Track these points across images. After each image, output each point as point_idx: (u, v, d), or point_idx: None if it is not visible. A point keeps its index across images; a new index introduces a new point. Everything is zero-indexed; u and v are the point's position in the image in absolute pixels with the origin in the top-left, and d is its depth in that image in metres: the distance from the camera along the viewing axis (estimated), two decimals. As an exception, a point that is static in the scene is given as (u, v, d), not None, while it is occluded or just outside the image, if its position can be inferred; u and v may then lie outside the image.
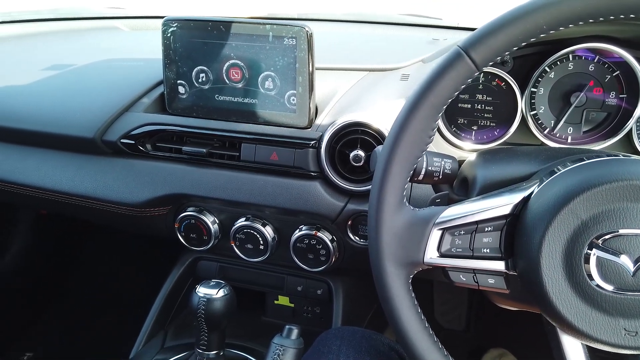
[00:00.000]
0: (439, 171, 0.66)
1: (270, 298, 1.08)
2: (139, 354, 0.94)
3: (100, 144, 0.95)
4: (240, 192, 0.89)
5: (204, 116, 0.92)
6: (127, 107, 0.96)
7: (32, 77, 1.08)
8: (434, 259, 0.58)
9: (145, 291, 1.59)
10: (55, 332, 1.74)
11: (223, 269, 1.06)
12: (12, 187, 1.03)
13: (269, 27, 0.85)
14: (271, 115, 0.89)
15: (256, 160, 0.88)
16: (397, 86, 0.90)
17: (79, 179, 0.97)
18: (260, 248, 0.92)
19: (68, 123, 0.97)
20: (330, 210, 0.85)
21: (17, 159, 1.02)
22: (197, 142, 0.92)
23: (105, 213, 0.99)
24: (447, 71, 0.55)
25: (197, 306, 0.77)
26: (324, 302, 1.01)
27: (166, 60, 0.92)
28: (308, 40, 0.83)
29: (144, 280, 1.81)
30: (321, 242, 0.87)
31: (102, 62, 1.11)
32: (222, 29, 0.87)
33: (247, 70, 0.88)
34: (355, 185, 0.83)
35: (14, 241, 1.74)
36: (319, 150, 0.84)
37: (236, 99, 0.90)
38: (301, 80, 0.86)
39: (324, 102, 0.90)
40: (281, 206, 0.87)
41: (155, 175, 0.93)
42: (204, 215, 0.94)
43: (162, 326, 1.02)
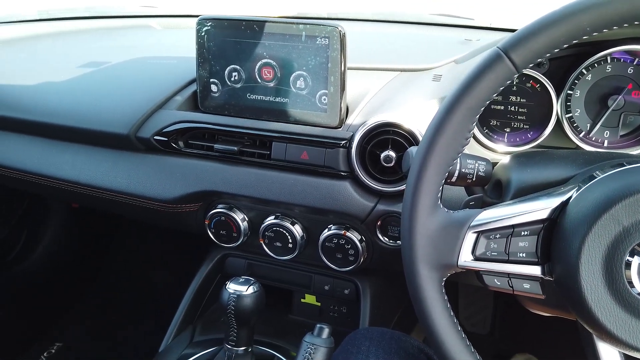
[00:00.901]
0: (472, 173, 0.65)
1: (297, 296, 1.08)
2: (168, 347, 0.95)
3: (135, 140, 0.97)
4: (270, 191, 0.90)
5: (236, 114, 0.93)
6: (160, 104, 0.97)
7: (69, 75, 1.11)
8: (468, 262, 0.58)
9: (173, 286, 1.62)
10: (84, 324, 1.79)
11: (251, 266, 1.07)
12: (47, 181, 1.06)
13: (302, 26, 0.85)
14: (302, 115, 0.89)
15: (287, 159, 0.88)
16: (430, 87, 0.90)
17: (113, 174, 0.99)
18: (289, 246, 0.92)
19: (103, 119, 0.99)
20: (360, 210, 0.85)
21: (54, 154, 1.05)
22: (229, 140, 0.93)
23: (137, 208, 1.00)
24: (486, 73, 0.54)
25: (227, 302, 0.78)
26: (351, 302, 1.01)
27: (199, 59, 0.93)
28: (341, 39, 0.83)
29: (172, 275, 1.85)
30: (350, 242, 0.87)
31: (136, 60, 1.13)
32: (255, 28, 0.88)
33: (279, 70, 0.89)
34: (385, 186, 0.83)
35: (45, 234, 1.79)
36: (350, 150, 0.84)
37: (268, 97, 0.91)
38: (333, 79, 0.86)
39: (355, 102, 0.90)
40: (311, 205, 0.87)
41: (187, 172, 0.95)
42: (234, 212, 0.95)
43: (191, 321, 1.03)
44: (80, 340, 1.72)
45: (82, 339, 1.73)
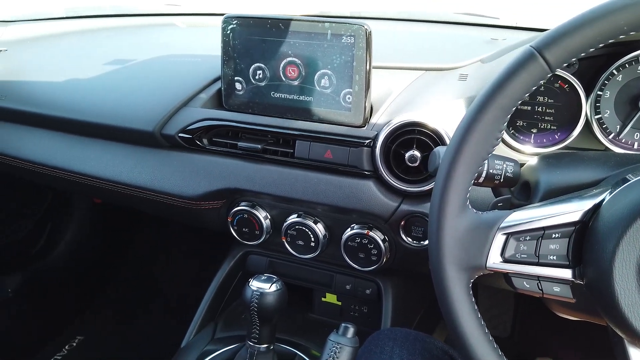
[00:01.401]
0: (500, 174, 0.65)
1: (318, 295, 1.08)
2: (190, 343, 0.96)
3: (159, 137, 0.98)
4: (293, 189, 0.90)
5: (260, 112, 0.94)
6: (185, 102, 0.98)
7: (95, 72, 1.13)
8: (496, 264, 0.57)
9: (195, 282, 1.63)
10: (105, 318, 1.81)
11: (272, 264, 1.07)
12: (73, 176, 1.08)
13: (327, 25, 0.85)
14: (326, 113, 0.89)
15: (310, 157, 0.88)
16: (455, 86, 0.89)
17: (137, 170, 1.00)
18: (311, 245, 0.92)
19: (129, 116, 1.00)
20: (384, 210, 0.84)
21: (80, 150, 1.07)
22: (252, 138, 0.93)
23: (160, 204, 1.01)
24: (519, 72, 0.53)
25: (250, 300, 0.78)
26: (373, 302, 1.01)
27: (225, 57, 0.93)
28: (367, 38, 0.83)
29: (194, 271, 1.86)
30: (373, 242, 0.87)
31: (161, 57, 1.14)
32: (280, 26, 0.88)
33: (303, 68, 0.89)
34: (409, 186, 0.83)
35: (68, 228, 1.82)
36: (374, 149, 0.83)
37: (292, 96, 0.91)
38: (358, 78, 0.85)
39: (380, 101, 0.90)
40: (334, 204, 0.87)
41: (211, 169, 0.95)
42: (256, 210, 0.95)
43: (213, 317, 1.04)
44: (101, 334, 1.75)
45: (102, 333, 1.76)
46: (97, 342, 1.71)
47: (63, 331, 1.74)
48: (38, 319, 1.71)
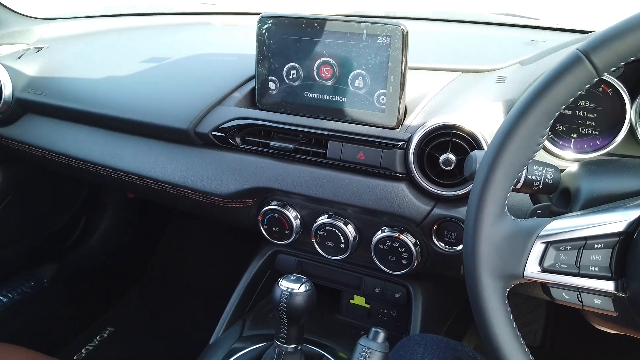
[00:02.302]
0: (539, 180, 0.63)
1: (345, 297, 1.07)
2: (218, 340, 0.97)
3: (193, 135, 0.99)
4: (325, 190, 0.89)
5: (292, 112, 0.93)
6: (219, 100, 0.99)
7: (132, 70, 1.15)
8: (535, 273, 0.55)
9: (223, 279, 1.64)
10: (135, 311, 1.85)
11: (301, 264, 1.07)
12: (109, 171, 1.10)
13: (363, 25, 0.84)
14: (359, 114, 0.88)
15: (342, 158, 0.88)
16: (493, 89, 0.87)
17: (171, 167, 1.01)
18: (341, 246, 0.92)
19: (164, 114, 1.02)
20: (416, 213, 0.83)
21: (116, 146, 1.09)
22: (285, 138, 0.93)
23: (192, 202, 1.03)
24: (564, 75, 0.52)
25: (280, 299, 0.78)
26: (401, 306, 1.00)
27: (259, 57, 0.94)
28: (403, 38, 0.82)
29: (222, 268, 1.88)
30: (404, 245, 0.86)
31: (196, 56, 1.16)
32: (316, 26, 0.88)
33: (337, 68, 0.88)
34: (443, 190, 0.81)
35: (102, 221, 1.87)
36: (407, 151, 0.82)
37: (325, 96, 0.91)
38: (393, 79, 0.84)
39: (414, 103, 0.89)
40: (365, 206, 0.86)
41: (243, 168, 0.96)
42: (287, 209, 0.95)
43: (241, 315, 1.04)
44: (131, 326, 1.79)
45: (132, 325, 1.79)
46: (126, 334, 1.75)
47: (94, 322, 1.79)
48: (71, 309, 1.76)
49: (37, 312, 1.63)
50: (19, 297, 1.58)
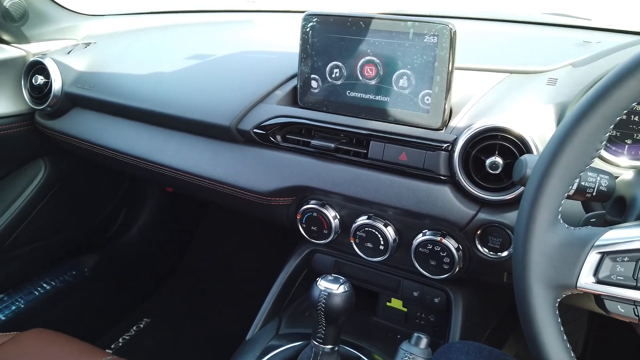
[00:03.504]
0: (593, 187, 0.60)
1: (382, 299, 1.06)
2: (255, 337, 0.97)
3: (235, 132, 0.99)
4: (365, 190, 0.88)
5: (334, 111, 0.93)
6: (261, 98, 0.99)
7: (177, 66, 1.17)
8: (588, 284, 0.53)
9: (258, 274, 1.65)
10: (171, 303, 1.88)
11: (338, 264, 1.06)
12: (153, 166, 1.12)
13: (410, 24, 0.83)
14: (402, 114, 0.87)
15: (384, 159, 0.87)
16: (543, 91, 0.84)
17: (213, 163, 1.02)
18: (380, 248, 0.90)
19: (207, 111, 1.03)
20: (460, 217, 0.81)
21: (160, 141, 1.11)
22: (325, 137, 0.93)
23: (232, 198, 1.03)
24: (628, 79, 0.49)
25: (318, 299, 0.77)
26: (440, 311, 0.98)
27: (302, 55, 0.93)
28: (451, 38, 0.80)
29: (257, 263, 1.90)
30: (446, 250, 0.84)
31: (239, 54, 1.17)
32: (361, 24, 0.87)
33: (382, 67, 0.87)
34: (488, 194, 0.79)
35: (141, 214, 1.91)
36: (452, 154, 0.80)
37: (368, 95, 0.90)
38: (439, 79, 0.83)
39: (460, 104, 0.86)
40: (407, 208, 0.85)
41: (283, 166, 0.96)
42: (326, 209, 0.95)
43: (277, 312, 1.04)
44: (166, 318, 1.82)
45: (167, 316, 1.83)
46: (162, 325, 1.79)
47: (131, 312, 1.83)
48: (109, 299, 1.81)
49: (78, 300, 1.68)
50: (61, 285, 1.64)
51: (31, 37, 1.38)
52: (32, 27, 1.37)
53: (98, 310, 1.76)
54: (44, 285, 1.60)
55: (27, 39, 1.37)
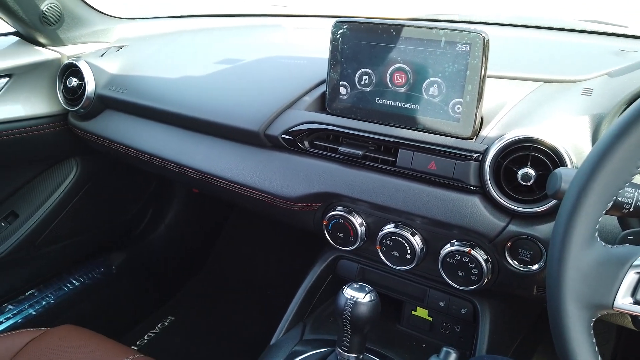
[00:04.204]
0: (630, 203, 0.58)
1: (407, 308, 1.05)
2: (279, 342, 0.97)
3: (263, 137, 1.00)
4: (393, 199, 0.88)
5: (362, 118, 0.92)
6: (290, 104, 1.00)
7: (206, 70, 1.18)
8: (626, 305, 0.51)
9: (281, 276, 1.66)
10: (195, 302, 1.91)
11: (363, 271, 1.06)
12: (180, 168, 1.13)
13: (442, 31, 0.82)
14: (432, 123, 0.86)
15: (412, 167, 0.86)
16: (578, 101, 0.82)
17: (241, 167, 1.03)
18: (407, 257, 0.90)
19: (236, 115, 1.04)
20: (489, 229, 0.80)
21: (189, 144, 1.12)
22: (353, 144, 0.93)
23: (259, 202, 1.04)
24: None
25: (344, 308, 0.77)
26: (466, 322, 0.96)
27: (332, 61, 0.93)
28: (484, 46, 0.79)
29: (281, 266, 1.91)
30: (474, 261, 0.83)
31: (268, 59, 1.17)
32: (392, 32, 0.86)
33: (412, 75, 0.86)
34: (519, 205, 0.77)
35: (168, 214, 1.94)
36: (483, 164, 0.79)
37: (397, 103, 0.89)
38: (470, 88, 0.82)
39: (491, 113, 0.85)
40: (435, 218, 0.84)
41: (311, 172, 0.96)
42: (352, 216, 0.94)
43: (301, 318, 1.05)
44: (190, 316, 1.84)
45: (191, 315, 1.85)
46: (186, 324, 1.81)
47: (156, 310, 1.86)
48: (135, 296, 1.84)
49: (105, 297, 1.72)
50: (89, 282, 1.67)
51: (66, 39, 1.41)
52: (67, 30, 1.40)
53: (124, 307, 1.79)
54: (73, 281, 1.64)
55: (62, 42, 1.41)
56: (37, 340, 1.02)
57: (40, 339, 1.03)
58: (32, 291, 1.56)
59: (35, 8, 1.29)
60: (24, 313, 1.51)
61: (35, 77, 1.33)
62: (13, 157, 1.37)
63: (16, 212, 1.45)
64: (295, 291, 1.08)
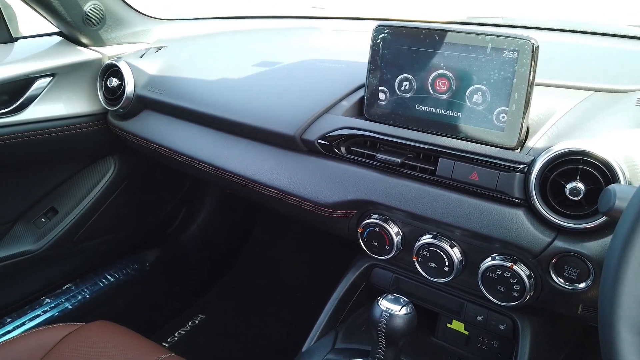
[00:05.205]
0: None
1: (443, 320, 1.02)
2: (311, 349, 0.96)
3: (299, 141, 0.99)
4: (432, 209, 0.85)
5: (401, 125, 0.90)
6: (327, 108, 0.98)
7: (243, 72, 1.18)
8: (687, 335, 0.48)
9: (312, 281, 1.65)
10: (225, 302, 1.92)
11: (398, 280, 1.03)
12: (215, 170, 1.14)
13: (488, 37, 0.79)
14: (475, 131, 0.83)
15: (453, 177, 0.83)
16: (633, 113, 0.78)
17: (276, 172, 1.02)
18: (445, 269, 0.87)
19: (272, 119, 1.03)
20: (534, 244, 0.76)
21: (225, 146, 1.12)
22: (391, 151, 0.90)
23: (293, 207, 1.03)
24: None
25: (379, 319, 0.75)
26: (505, 338, 0.93)
27: (371, 66, 0.92)
28: (532, 54, 0.76)
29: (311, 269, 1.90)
30: (516, 277, 0.79)
31: (305, 62, 1.16)
32: (435, 37, 0.84)
33: (454, 82, 0.84)
34: (567, 221, 0.74)
35: (200, 213, 1.96)
36: (528, 176, 0.76)
37: (438, 110, 0.86)
38: (517, 97, 0.78)
39: (538, 123, 0.82)
40: (476, 230, 0.81)
41: (347, 178, 0.94)
42: (388, 225, 0.92)
43: (333, 326, 1.03)
44: (220, 316, 1.86)
45: (221, 315, 1.86)
46: (216, 323, 1.82)
47: (187, 308, 1.88)
48: (167, 294, 1.86)
49: (138, 293, 1.75)
50: (124, 278, 1.70)
51: (107, 40, 1.44)
52: (108, 31, 1.42)
53: (156, 304, 1.82)
54: (108, 277, 1.68)
55: (104, 42, 1.43)
56: (73, 335, 1.04)
57: (76, 333, 1.05)
58: (69, 285, 1.60)
59: (79, 9, 1.32)
60: (61, 307, 1.55)
61: (77, 77, 1.36)
62: (54, 155, 1.40)
63: (56, 208, 1.49)
64: (324, 295, 1.07)
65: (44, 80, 1.30)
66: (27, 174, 1.41)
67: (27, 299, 1.51)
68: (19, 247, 1.42)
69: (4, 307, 1.46)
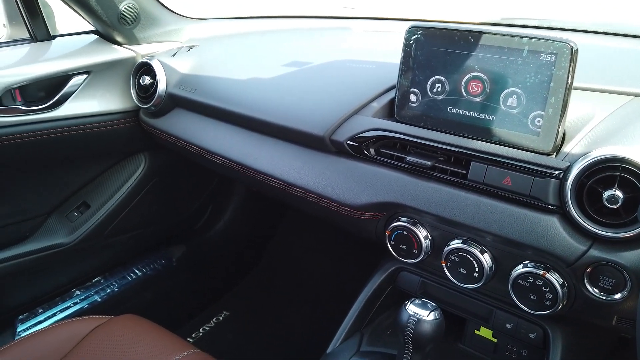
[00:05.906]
0: None
1: (471, 326, 1.01)
2: (336, 351, 0.96)
3: (328, 142, 0.99)
4: (463, 213, 0.84)
5: (432, 127, 0.89)
6: (357, 109, 0.98)
7: (273, 72, 1.18)
8: None
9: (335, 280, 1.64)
10: (249, 299, 1.93)
11: (425, 285, 1.02)
12: (244, 169, 1.14)
13: (525, 40, 0.77)
14: (508, 135, 0.81)
15: (485, 182, 0.82)
16: (675, 119, 0.75)
17: (304, 172, 1.02)
18: (474, 275, 0.85)
19: (302, 119, 1.03)
20: (569, 252, 0.74)
21: (254, 146, 1.13)
22: (422, 154, 0.89)
23: (320, 208, 1.03)
24: None
25: (406, 324, 0.75)
26: (535, 347, 0.91)
27: (403, 67, 0.91)
28: (571, 57, 0.74)
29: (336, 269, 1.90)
30: (549, 285, 0.77)
31: (335, 62, 1.16)
32: (469, 39, 0.83)
33: (489, 85, 0.82)
34: (603, 229, 0.72)
35: (227, 211, 1.98)
36: (564, 182, 0.74)
37: (471, 113, 0.85)
38: (553, 101, 0.76)
39: (575, 128, 0.80)
40: (508, 237, 0.79)
41: (376, 180, 0.94)
42: (417, 228, 0.91)
43: (359, 328, 1.03)
44: (244, 313, 1.87)
45: (246, 312, 1.87)
46: (240, 320, 1.84)
47: (212, 304, 1.90)
48: (193, 289, 1.89)
49: (165, 288, 1.77)
50: (151, 273, 1.73)
51: (141, 38, 1.46)
52: (142, 30, 1.45)
53: (182, 299, 1.84)
54: (136, 271, 1.71)
55: (137, 41, 1.46)
56: (102, 327, 1.06)
57: (105, 326, 1.07)
58: (98, 278, 1.64)
59: (115, 8, 1.34)
60: (90, 299, 1.58)
61: (112, 74, 1.39)
62: (87, 151, 1.44)
63: (88, 202, 1.52)
64: (347, 295, 1.06)
65: (79, 77, 1.33)
66: (60, 168, 1.45)
67: (58, 291, 1.55)
68: (52, 240, 1.46)
69: (37, 297, 1.50)
